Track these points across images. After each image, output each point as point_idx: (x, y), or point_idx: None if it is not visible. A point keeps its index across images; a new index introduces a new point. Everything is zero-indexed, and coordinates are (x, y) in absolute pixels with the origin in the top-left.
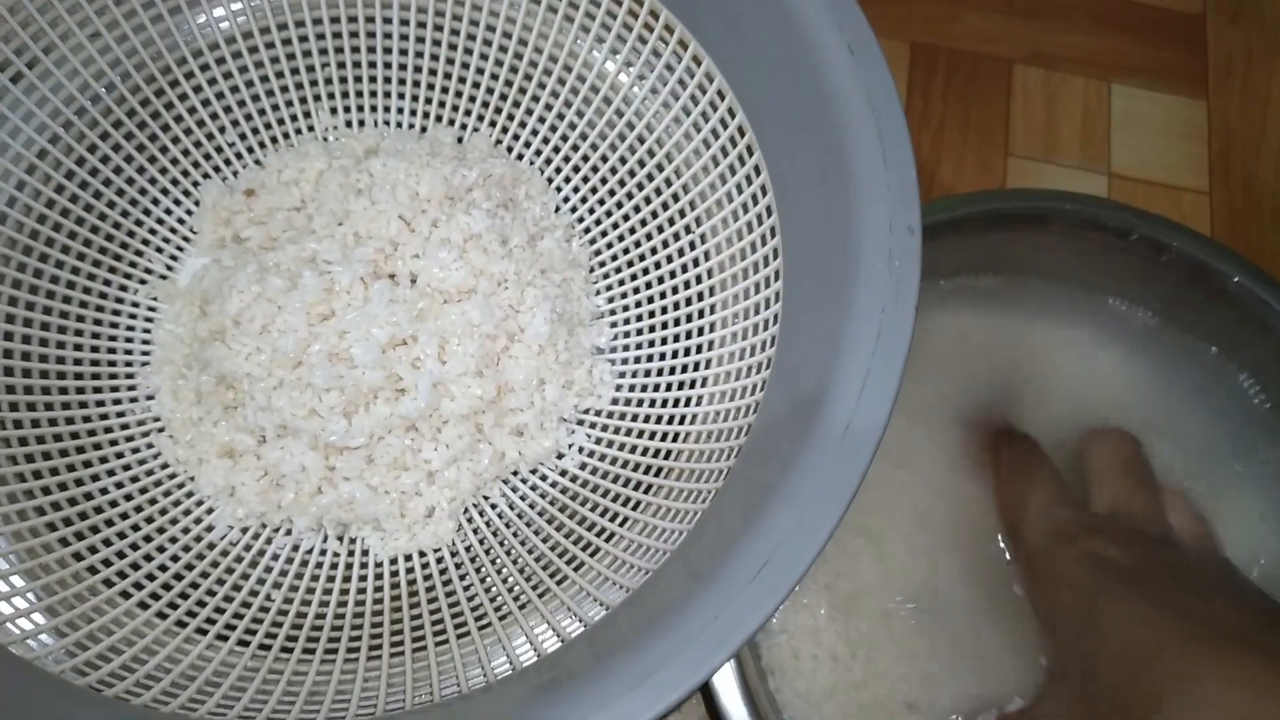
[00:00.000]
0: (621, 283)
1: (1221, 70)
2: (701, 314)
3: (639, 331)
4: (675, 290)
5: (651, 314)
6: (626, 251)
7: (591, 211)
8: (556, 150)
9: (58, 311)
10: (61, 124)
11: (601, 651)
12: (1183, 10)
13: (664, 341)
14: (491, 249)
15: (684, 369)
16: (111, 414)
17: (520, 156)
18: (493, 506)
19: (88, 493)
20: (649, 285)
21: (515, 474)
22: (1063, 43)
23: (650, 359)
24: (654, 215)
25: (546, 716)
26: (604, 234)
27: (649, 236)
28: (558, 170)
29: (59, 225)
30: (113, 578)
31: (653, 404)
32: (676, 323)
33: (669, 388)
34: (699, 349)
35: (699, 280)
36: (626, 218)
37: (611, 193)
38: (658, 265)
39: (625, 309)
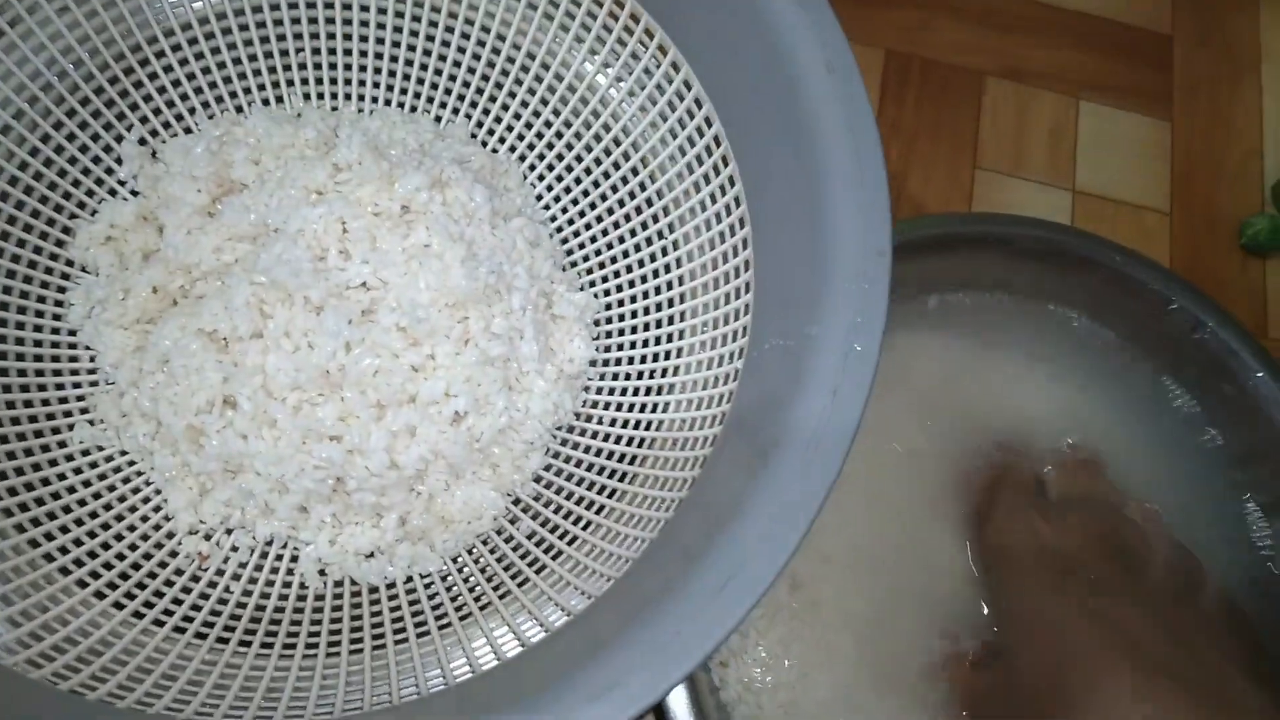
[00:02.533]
0: (593, 284)
1: (1186, 92)
2: (671, 320)
3: (608, 335)
4: (646, 295)
5: (621, 317)
6: (599, 252)
7: (565, 210)
8: (531, 147)
9: (17, 291)
10: (27, 99)
11: (560, 665)
12: (1153, 30)
13: (633, 346)
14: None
15: (651, 374)
16: (71, 398)
17: (495, 151)
18: None
19: (45, 478)
20: (619, 289)
21: None
22: (1036, 57)
23: (619, 363)
24: (627, 218)
25: None
26: (576, 234)
27: (621, 240)
28: (531, 167)
29: (21, 203)
30: (69, 565)
31: (619, 408)
32: (646, 327)
33: (636, 392)
34: (667, 355)
35: (670, 286)
36: (600, 219)
37: (585, 193)
38: (629, 269)
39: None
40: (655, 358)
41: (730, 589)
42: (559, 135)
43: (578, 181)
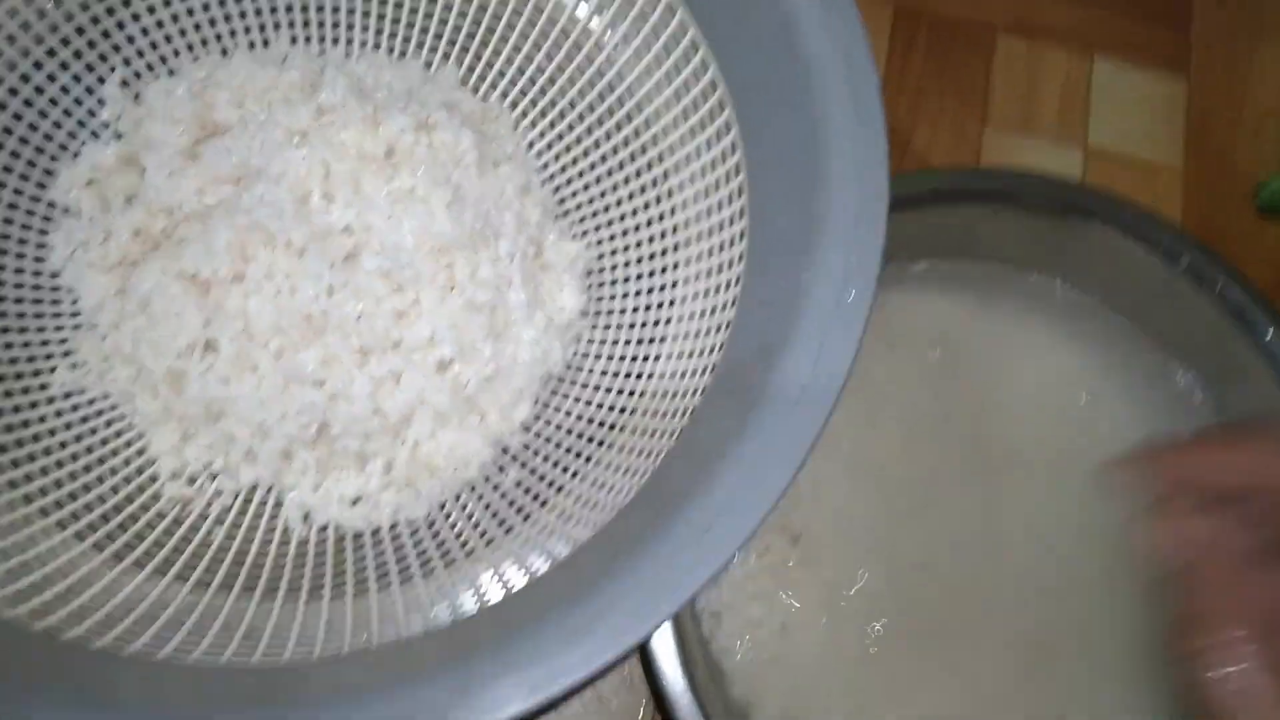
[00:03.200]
0: (585, 234)
1: (1204, 48)
2: (664, 270)
3: (600, 285)
4: (639, 245)
5: (613, 267)
6: (591, 201)
7: (557, 158)
8: (524, 93)
9: None
10: (4, 38)
11: (542, 605)
12: None
13: (625, 296)
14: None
15: (643, 325)
16: (53, 340)
17: (485, 99)
18: None
19: (25, 420)
20: (612, 238)
21: None
22: (1047, 13)
23: (611, 314)
24: (621, 166)
25: (483, 669)
26: (569, 182)
27: (615, 188)
28: (524, 114)
29: (1, 144)
30: (48, 506)
31: (610, 359)
32: (639, 278)
33: (628, 343)
34: (659, 306)
35: (664, 236)
36: (593, 167)
37: (578, 140)
38: (622, 218)
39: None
40: (648, 308)
41: (714, 532)
42: (551, 81)
43: (570, 129)
